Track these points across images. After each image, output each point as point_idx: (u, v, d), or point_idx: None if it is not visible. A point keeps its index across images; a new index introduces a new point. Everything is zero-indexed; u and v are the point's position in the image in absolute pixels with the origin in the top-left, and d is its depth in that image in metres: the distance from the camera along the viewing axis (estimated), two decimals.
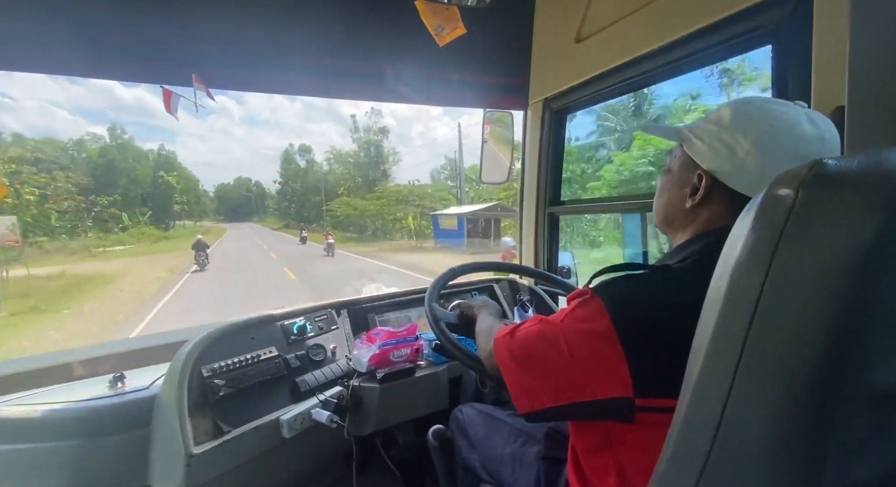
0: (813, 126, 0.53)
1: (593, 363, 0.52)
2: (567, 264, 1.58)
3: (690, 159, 0.60)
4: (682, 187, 0.62)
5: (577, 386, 0.53)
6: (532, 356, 0.57)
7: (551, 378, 0.55)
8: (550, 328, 0.56)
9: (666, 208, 0.66)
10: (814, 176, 0.32)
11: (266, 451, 0.94)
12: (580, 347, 0.52)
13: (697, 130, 0.60)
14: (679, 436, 0.41)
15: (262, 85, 1.43)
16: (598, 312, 0.52)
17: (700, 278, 0.49)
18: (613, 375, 0.50)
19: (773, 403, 0.33)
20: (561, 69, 1.42)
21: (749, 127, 0.54)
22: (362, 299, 1.36)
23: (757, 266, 0.34)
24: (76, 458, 0.85)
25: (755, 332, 0.34)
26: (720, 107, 0.60)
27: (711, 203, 0.59)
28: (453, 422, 1.01)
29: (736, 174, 0.55)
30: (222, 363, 0.96)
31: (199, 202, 64.72)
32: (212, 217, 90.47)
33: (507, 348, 0.61)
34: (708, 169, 0.58)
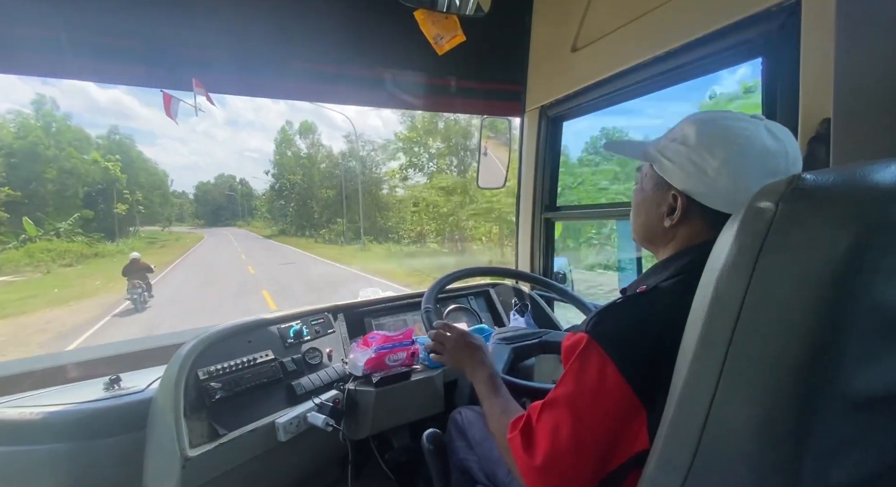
0: (774, 140, 0.55)
1: (615, 422, 0.51)
2: (562, 270, 1.60)
3: (663, 179, 0.61)
4: (657, 207, 0.63)
5: (609, 456, 0.52)
6: (559, 457, 0.53)
7: (581, 466, 0.52)
8: (564, 417, 0.53)
9: (645, 226, 0.67)
10: (793, 190, 0.33)
11: (262, 454, 0.94)
12: (599, 416, 0.51)
13: (665, 149, 0.61)
14: (665, 441, 0.42)
15: (261, 90, 1.44)
16: (602, 363, 0.51)
17: (692, 291, 0.50)
18: (635, 426, 0.50)
19: (755, 408, 0.34)
20: (557, 78, 1.44)
21: (716, 146, 0.56)
22: (359, 303, 1.36)
23: (739, 276, 0.35)
24: (72, 460, 0.85)
25: (738, 339, 0.35)
26: (683, 125, 0.61)
27: (689, 221, 0.60)
28: (452, 424, 1.02)
29: (709, 193, 0.56)
30: (218, 366, 0.96)
31: (168, 203, 48.62)
32: (190, 222, 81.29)
33: (528, 457, 0.56)
34: (682, 190, 0.59)
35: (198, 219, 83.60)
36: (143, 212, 37.55)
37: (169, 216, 48.87)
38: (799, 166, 0.56)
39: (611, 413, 0.51)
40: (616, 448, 0.51)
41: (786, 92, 0.81)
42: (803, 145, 0.75)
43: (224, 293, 10.47)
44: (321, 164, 34.08)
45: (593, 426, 0.52)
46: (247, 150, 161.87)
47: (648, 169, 0.66)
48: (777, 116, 0.83)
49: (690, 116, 0.61)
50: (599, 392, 0.51)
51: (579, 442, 0.52)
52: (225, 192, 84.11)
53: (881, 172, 0.33)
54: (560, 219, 1.61)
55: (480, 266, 1.34)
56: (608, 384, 0.50)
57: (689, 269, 0.57)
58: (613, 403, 0.51)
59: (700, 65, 1.03)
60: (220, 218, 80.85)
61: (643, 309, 0.54)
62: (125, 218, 32.41)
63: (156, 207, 39.46)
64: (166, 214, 47.92)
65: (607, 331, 0.53)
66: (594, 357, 0.52)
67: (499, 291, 1.63)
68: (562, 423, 0.53)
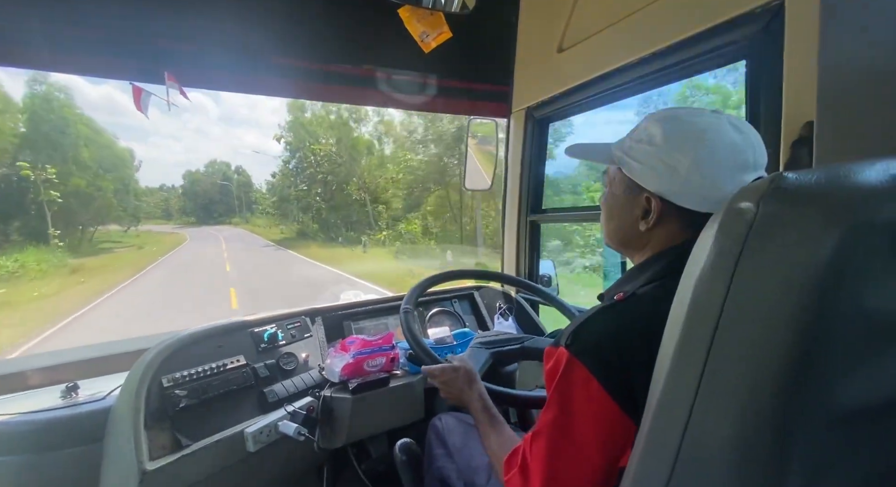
0: (739, 133, 0.54)
1: (606, 438, 0.49)
2: (548, 273, 1.58)
3: (633, 182, 0.60)
4: (630, 210, 0.61)
5: (610, 475, 0.50)
6: (557, 472, 0.52)
7: (584, 481, 0.51)
8: (556, 444, 0.52)
9: (619, 232, 0.65)
10: (773, 190, 0.31)
11: (229, 466, 0.90)
12: (594, 438, 0.50)
13: (632, 151, 0.60)
14: (643, 454, 0.40)
15: (238, 85, 1.39)
16: (585, 380, 0.49)
17: (670, 297, 0.49)
18: (626, 437, 0.48)
19: (735, 419, 0.32)
20: (543, 79, 1.43)
21: (684, 143, 0.54)
22: (338, 306, 1.32)
23: (718, 281, 0.33)
24: (22, 474, 0.80)
25: (717, 347, 0.33)
26: (647, 124, 0.59)
27: (665, 223, 0.58)
28: (432, 430, 0.99)
29: (683, 192, 0.55)
30: (185, 373, 0.91)
31: (130, 192, 30.36)
32: (178, 219, 67.78)
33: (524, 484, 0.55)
34: (655, 191, 0.57)
35: (186, 215, 68.71)
36: (94, 204, 21.19)
37: (135, 212, 32.29)
38: (765, 159, 0.56)
39: (602, 430, 0.49)
40: (613, 465, 0.50)
41: (769, 94, 0.80)
42: (786, 148, 0.74)
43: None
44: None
45: (586, 446, 0.50)
46: (241, 147, 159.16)
47: (617, 172, 0.64)
48: (761, 119, 0.81)
49: (652, 115, 0.60)
50: (587, 411, 0.49)
51: (576, 466, 0.50)
52: (218, 181, 67.12)
53: (865, 172, 0.31)
54: (546, 221, 1.59)
55: (464, 269, 1.31)
56: (594, 402, 0.49)
57: (666, 273, 0.55)
58: (602, 419, 0.49)
59: (686, 66, 1.02)
60: (212, 214, 66.49)
61: (621, 319, 0.52)
62: (62, 213, 18.23)
63: (108, 197, 22.95)
64: (130, 208, 30.32)
65: (586, 346, 0.51)
66: (577, 376, 0.50)
67: (483, 294, 1.60)
68: (554, 452, 0.51)
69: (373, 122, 22.70)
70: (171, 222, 65.00)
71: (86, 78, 15.56)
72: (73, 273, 13.55)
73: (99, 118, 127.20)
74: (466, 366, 0.86)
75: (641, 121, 0.61)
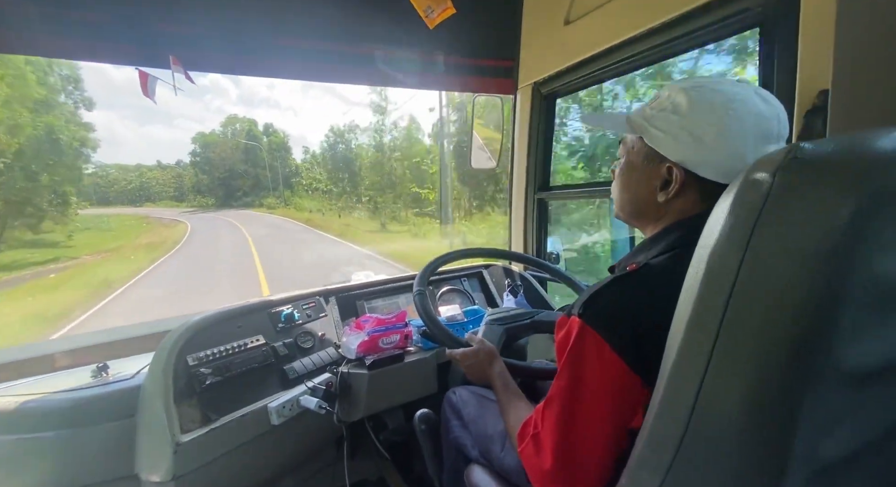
0: (766, 104, 0.54)
1: (621, 402, 0.50)
2: (556, 250, 1.59)
3: (654, 151, 0.59)
4: (649, 181, 0.61)
5: (621, 428, 0.51)
6: (570, 453, 0.53)
7: (599, 447, 0.52)
8: (569, 409, 0.52)
9: (634, 203, 0.64)
10: (791, 160, 0.32)
11: (255, 438, 0.94)
12: (603, 400, 0.51)
13: (654, 119, 0.58)
14: (656, 418, 0.42)
15: (243, 68, 1.38)
16: (598, 346, 0.50)
17: (684, 268, 0.49)
18: (640, 401, 0.49)
19: (747, 384, 0.34)
20: (550, 53, 1.40)
21: (711, 112, 0.53)
22: (351, 286, 1.35)
23: (733, 250, 0.34)
24: (62, 448, 0.85)
25: (731, 315, 0.34)
26: (671, 93, 0.58)
27: (684, 193, 0.58)
28: (447, 403, 1.02)
29: (706, 162, 0.54)
30: (208, 352, 0.95)
31: (73, 169, 16.11)
32: (192, 200, 49.77)
33: (539, 461, 0.56)
34: (677, 161, 0.56)
35: (202, 195, 48.45)
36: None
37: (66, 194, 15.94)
38: (787, 130, 0.55)
39: (614, 393, 0.50)
40: (625, 429, 0.51)
41: (783, 63, 0.79)
42: (799, 118, 0.73)
43: None
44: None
45: (599, 409, 0.51)
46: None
47: (636, 142, 0.62)
48: (774, 88, 0.80)
49: (676, 83, 0.58)
50: (599, 375, 0.51)
51: (589, 430, 0.52)
52: (242, 141, 45.42)
53: (883, 140, 0.31)
54: (554, 198, 1.59)
55: (473, 248, 1.33)
56: (607, 366, 0.50)
57: (680, 243, 0.55)
58: (614, 383, 0.50)
59: (698, 35, 0.99)
60: (234, 192, 44.91)
61: (634, 288, 0.53)
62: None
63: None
64: (66, 193, 16.23)
65: (598, 313, 0.52)
66: (589, 342, 0.51)
67: (492, 272, 1.62)
68: (567, 416, 0.53)
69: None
70: (182, 205, 51.03)
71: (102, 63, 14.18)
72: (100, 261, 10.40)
73: (123, 101, 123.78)
74: (486, 348, 0.87)
75: (663, 89, 0.60)
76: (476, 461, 0.87)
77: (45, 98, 15.33)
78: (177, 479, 0.83)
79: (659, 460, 0.40)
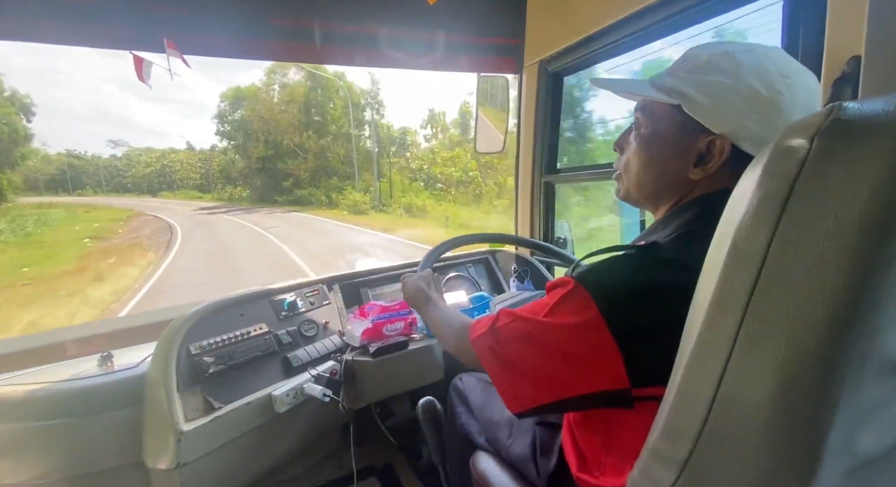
0: (814, 80, 0.51)
1: (585, 358, 0.48)
2: (563, 235, 1.55)
3: (692, 122, 0.52)
4: (681, 156, 0.54)
5: (572, 382, 0.49)
6: (521, 358, 0.53)
7: (543, 380, 0.51)
8: (537, 328, 0.52)
9: (659, 180, 0.58)
10: (832, 123, 0.28)
11: (259, 426, 0.94)
12: (570, 343, 0.49)
13: (698, 84, 0.51)
14: (672, 408, 0.39)
15: (240, 50, 1.34)
16: (584, 304, 0.47)
17: (692, 250, 0.46)
18: (608, 368, 0.47)
19: (776, 372, 0.31)
20: (557, 28, 1.34)
21: (771, 78, 0.48)
22: (354, 273, 1.33)
23: (762, 226, 0.30)
24: (70, 435, 0.85)
25: (758, 296, 0.31)
26: (710, 55, 0.51)
27: (724, 168, 0.52)
28: (453, 390, 1.01)
29: (754, 136, 0.49)
30: (211, 341, 0.94)
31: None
32: (220, 193, 35.06)
33: (491, 350, 0.56)
34: (725, 132, 0.50)
35: (233, 184, 33.31)
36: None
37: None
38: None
39: (585, 342, 0.48)
40: (582, 371, 0.49)
41: (810, 28, 0.73)
42: (826, 87, 0.68)
43: None
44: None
45: (566, 343, 0.49)
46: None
47: (667, 111, 0.55)
48: (799, 57, 0.75)
49: (710, 49, 0.52)
50: (575, 326, 0.48)
51: (545, 348, 0.51)
52: (297, 99, 24.75)
53: None
54: (561, 182, 1.55)
55: (478, 233, 1.30)
56: (587, 319, 0.47)
57: (691, 221, 0.52)
58: (588, 330, 0.47)
59: (715, 3, 0.93)
60: (280, 181, 26.55)
61: (636, 262, 0.50)
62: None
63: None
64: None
65: (595, 280, 0.49)
66: (577, 296, 0.49)
67: (498, 258, 1.59)
68: (533, 331, 0.52)
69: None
70: (205, 196, 37.15)
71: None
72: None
73: (170, 97, 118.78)
74: (425, 273, 0.91)
75: (693, 53, 0.54)
76: (482, 448, 0.86)
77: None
78: (181, 467, 0.83)
79: (675, 453, 0.38)
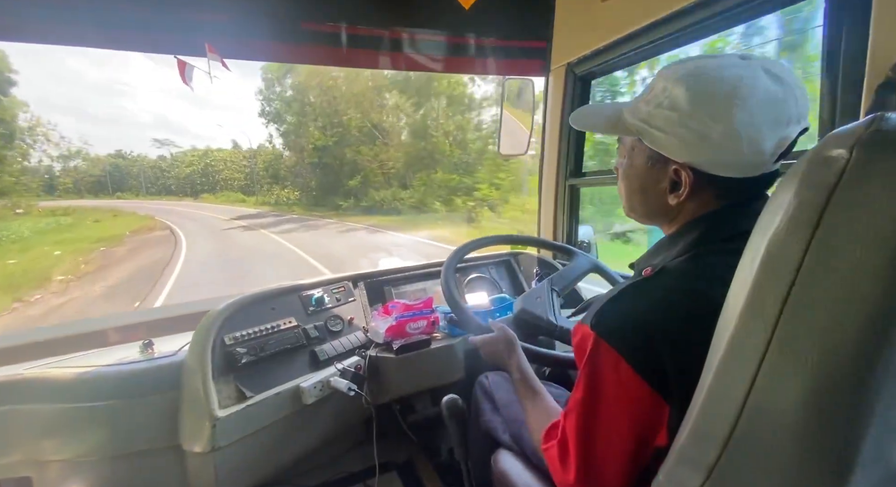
0: (778, 83, 0.47)
1: (641, 422, 0.48)
2: (587, 238, 1.54)
3: (656, 153, 0.53)
4: (656, 183, 0.56)
5: (642, 454, 0.50)
6: (592, 468, 0.52)
7: (610, 464, 0.51)
8: (590, 423, 0.51)
9: (644, 206, 0.60)
10: (873, 133, 0.28)
11: (288, 416, 0.98)
12: (626, 421, 0.49)
13: (652, 118, 0.52)
14: (702, 411, 0.39)
15: (276, 54, 1.40)
16: (614, 362, 0.48)
17: (703, 272, 0.48)
18: (661, 424, 0.48)
19: (807, 380, 0.31)
20: (585, 31, 1.33)
21: (715, 105, 0.47)
22: (379, 271, 1.36)
23: (797, 236, 0.31)
24: (112, 417, 0.91)
25: (792, 304, 0.31)
26: (665, 84, 0.51)
27: (698, 194, 0.52)
28: (478, 387, 1.03)
29: (717, 160, 0.49)
30: (244, 332, 0.99)
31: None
32: (266, 195, 27.67)
33: (564, 472, 0.55)
34: (684, 162, 0.51)
35: (281, 185, 26.61)
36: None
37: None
38: (808, 108, 0.48)
39: (633, 411, 0.48)
40: (645, 446, 0.49)
41: (853, 31, 0.71)
42: (869, 92, 0.66)
43: None
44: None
45: (617, 426, 0.49)
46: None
47: (636, 142, 0.57)
48: (840, 60, 0.73)
49: (669, 73, 0.51)
50: (617, 392, 0.48)
51: (608, 445, 0.50)
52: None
53: None
54: (586, 185, 1.54)
55: (500, 235, 1.30)
56: (624, 383, 0.47)
57: (698, 244, 0.52)
58: (634, 401, 0.48)
59: (751, 7, 0.91)
60: (342, 182, 18.69)
61: (647, 298, 0.50)
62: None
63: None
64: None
65: (612, 327, 0.49)
66: (605, 356, 0.49)
67: (521, 260, 1.59)
68: (586, 430, 0.51)
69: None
70: (249, 200, 30.64)
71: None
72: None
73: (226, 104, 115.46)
74: (506, 335, 0.86)
75: (656, 79, 0.54)
76: (505, 445, 0.87)
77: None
78: (216, 451, 0.87)
79: (702, 457, 0.38)
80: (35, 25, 1.00)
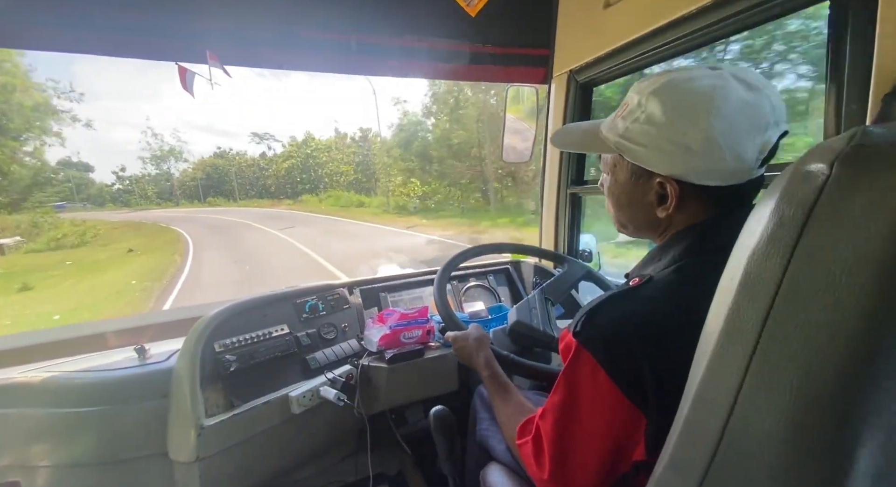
0: (751, 90, 0.47)
1: (617, 432, 0.48)
2: (589, 248, 1.51)
3: (639, 167, 0.54)
4: (642, 197, 0.56)
5: (616, 464, 0.50)
6: (566, 468, 0.52)
7: (584, 466, 0.51)
8: (566, 425, 0.52)
9: (633, 221, 0.60)
10: (854, 148, 0.26)
11: (276, 425, 0.97)
12: (601, 427, 0.49)
13: (630, 133, 0.52)
14: (679, 440, 0.37)
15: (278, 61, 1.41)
16: (592, 370, 0.48)
17: (688, 283, 0.48)
18: (639, 438, 0.47)
19: (788, 407, 0.29)
20: (588, 38, 1.32)
21: (691, 116, 0.47)
22: (375, 278, 1.35)
23: (776, 255, 0.29)
24: (101, 423, 0.90)
25: (770, 327, 0.29)
26: (639, 99, 0.51)
27: (686, 204, 0.52)
28: (477, 397, 1.02)
29: (700, 170, 0.49)
30: (234, 339, 0.98)
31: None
32: (397, 196, 18.26)
33: (539, 469, 0.55)
34: (668, 175, 0.51)
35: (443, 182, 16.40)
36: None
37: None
38: (784, 115, 0.48)
39: (608, 418, 0.48)
40: (620, 455, 0.49)
41: (858, 40, 0.68)
42: (875, 102, 0.63)
43: None
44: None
45: (592, 430, 0.49)
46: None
47: (617, 158, 0.57)
48: (845, 69, 0.70)
49: (643, 87, 0.52)
50: (593, 399, 0.48)
51: (583, 448, 0.50)
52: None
53: None
54: (588, 193, 1.51)
55: (498, 243, 1.29)
56: (600, 391, 0.47)
57: (684, 255, 0.51)
58: (609, 408, 0.47)
59: (756, 13, 0.89)
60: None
61: (630, 307, 0.49)
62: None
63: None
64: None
65: (593, 335, 0.49)
66: (584, 364, 0.49)
67: (519, 269, 1.57)
68: (562, 431, 0.51)
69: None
70: (369, 201, 23.58)
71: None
72: None
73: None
74: (478, 334, 0.88)
75: (630, 95, 0.54)
76: (499, 457, 0.85)
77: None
78: (200, 461, 0.86)
79: (683, 484, 0.36)
80: (35, 32, 1.03)
